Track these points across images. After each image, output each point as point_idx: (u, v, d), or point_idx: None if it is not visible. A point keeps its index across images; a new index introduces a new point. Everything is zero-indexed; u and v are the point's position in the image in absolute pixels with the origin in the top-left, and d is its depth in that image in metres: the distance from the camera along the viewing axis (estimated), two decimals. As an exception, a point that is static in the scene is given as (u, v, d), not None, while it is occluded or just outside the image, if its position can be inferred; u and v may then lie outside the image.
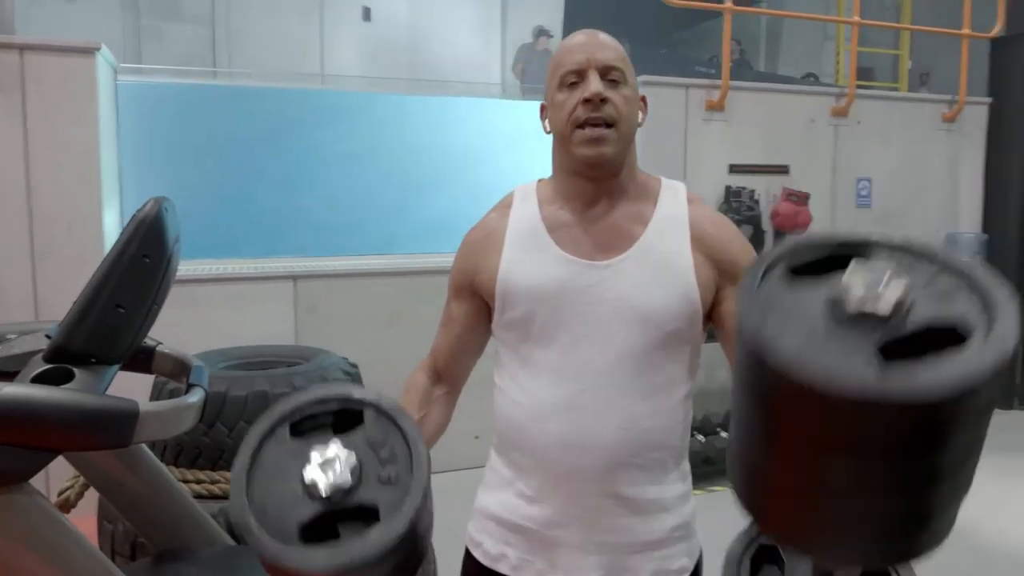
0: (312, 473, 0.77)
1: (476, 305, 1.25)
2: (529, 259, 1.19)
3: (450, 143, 5.13)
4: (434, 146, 5.11)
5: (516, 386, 1.21)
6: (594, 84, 1.13)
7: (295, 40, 8.48)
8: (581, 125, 1.14)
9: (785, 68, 9.14)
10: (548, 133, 1.22)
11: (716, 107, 4.48)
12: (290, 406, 0.84)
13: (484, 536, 1.25)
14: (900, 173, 5.10)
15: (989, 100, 5.37)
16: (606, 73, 1.15)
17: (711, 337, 1.23)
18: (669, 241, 1.18)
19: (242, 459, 0.80)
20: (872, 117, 4.98)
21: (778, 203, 4.66)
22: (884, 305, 0.56)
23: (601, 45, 1.18)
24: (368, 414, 0.85)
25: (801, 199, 4.67)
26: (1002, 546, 3.30)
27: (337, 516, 0.77)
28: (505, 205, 1.27)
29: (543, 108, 1.23)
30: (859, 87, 5.06)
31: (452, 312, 1.28)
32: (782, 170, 4.71)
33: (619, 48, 1.19)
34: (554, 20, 8.48)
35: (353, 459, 0.79)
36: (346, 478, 0.77)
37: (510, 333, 1.21)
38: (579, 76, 1.15)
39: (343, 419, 0.85)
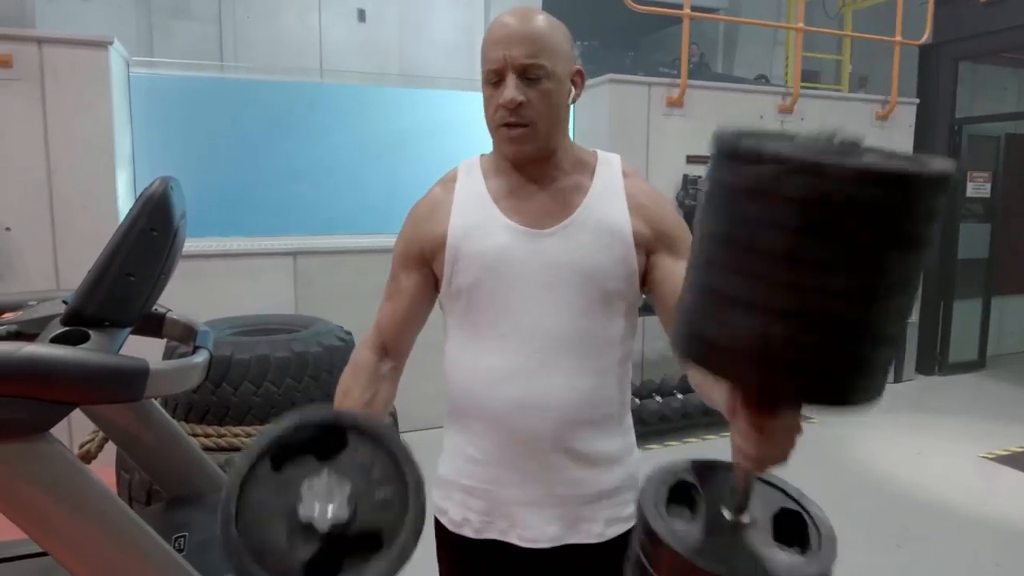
0: (307, 510, 0.68)
1: (424, 275, 1.17)
2: (477, 227, 1.13)
3: (437, 132, 5.09)
4: (423, 135, 5.07)
5: (466, 354, 1.15)
6: (508, 90, 1.05)
7: (295, 38, 8.34)
8: (501, 124, 1.08)
9: (740, 70, 9.13)
10: None
11: (676, 104, 4.49)
12: (266, 441, 0.73)
13: (448, 503, 1.20)
14: (838, 165, 5.16)
15: (917, 101, 5.43)
16: (524, 72, 1.05)
17: (650, 309, 1.20)
18: (607, 208, 1.13)
19: (228, 507, 0.68)
20: (814, 114, 5.02)
21: (730, 191, 4.70)
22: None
23: (521, 38, 1.05)
24: (351, 436, 0.75)
25: (750, 187, 4.71)
26: (919, 495, 3.40)
27: (337, 546, 0.69)
28: (450, 179, 1.20)
29: None
30: (804, 88, 5.09)
31: (400, 284, 1.19)
32: (734, 161, 4.74)
33: (542, 35, 1.06)
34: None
35: (347, 487, 0.70)
36: (343, 512, 0.68)
37: (458, 302, 1.15)
38: (498, 75, 1.06)
39: (325, 442, 0.74)
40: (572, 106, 1.16)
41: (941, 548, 2.91)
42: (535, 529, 1.15)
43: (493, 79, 1.08)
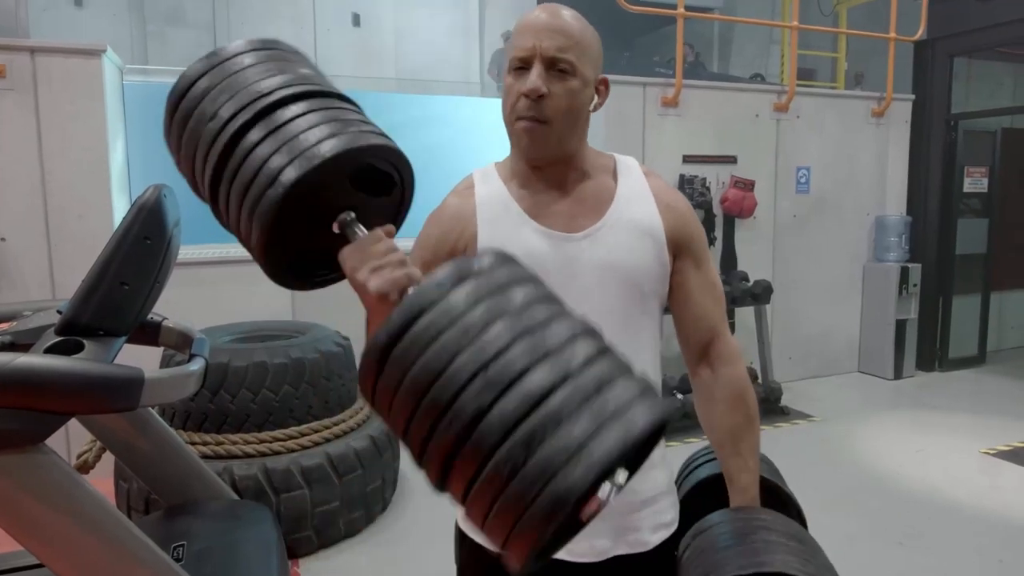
0: None
1: None
2: (507, 234, 1.08)
3: (432, 137, 5.09)
4: (418, 140, 5.07)
5: None
6: (533, 79, 1.01)
7: (290, 43, 8.33)
8: (520, 117, 1.04)
9: (736, 69, 9.14)
10: None
11: (671, 103, 4.49)
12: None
13: None
14: (835, 162, 5.16)
15: (912, 97, 5.43)
16: (553, 64, 1.01)
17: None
18: (637, 208, 1.12)
19: None
20: (810, 112, 5.02)
21: (727, 189, 4.70)
22: None
23: (553, 30, 1.02)
24: None
25: (747, 186, 4.71)
26: (921, 492, 3.39)
27: None
28: (465, 187, 1.15)
29: None
30: (800, 86, 5.09)
31: None
32: (730, 160, 4.74)
33: (574, 32, 1.03)
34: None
35: None
36: None
37: None
38: (525, 63, 1.02)
39: None
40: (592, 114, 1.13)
41: (944, 545, 2.90)
42: (584, 543, 1.11)
43: (517, 66, 1.04)
